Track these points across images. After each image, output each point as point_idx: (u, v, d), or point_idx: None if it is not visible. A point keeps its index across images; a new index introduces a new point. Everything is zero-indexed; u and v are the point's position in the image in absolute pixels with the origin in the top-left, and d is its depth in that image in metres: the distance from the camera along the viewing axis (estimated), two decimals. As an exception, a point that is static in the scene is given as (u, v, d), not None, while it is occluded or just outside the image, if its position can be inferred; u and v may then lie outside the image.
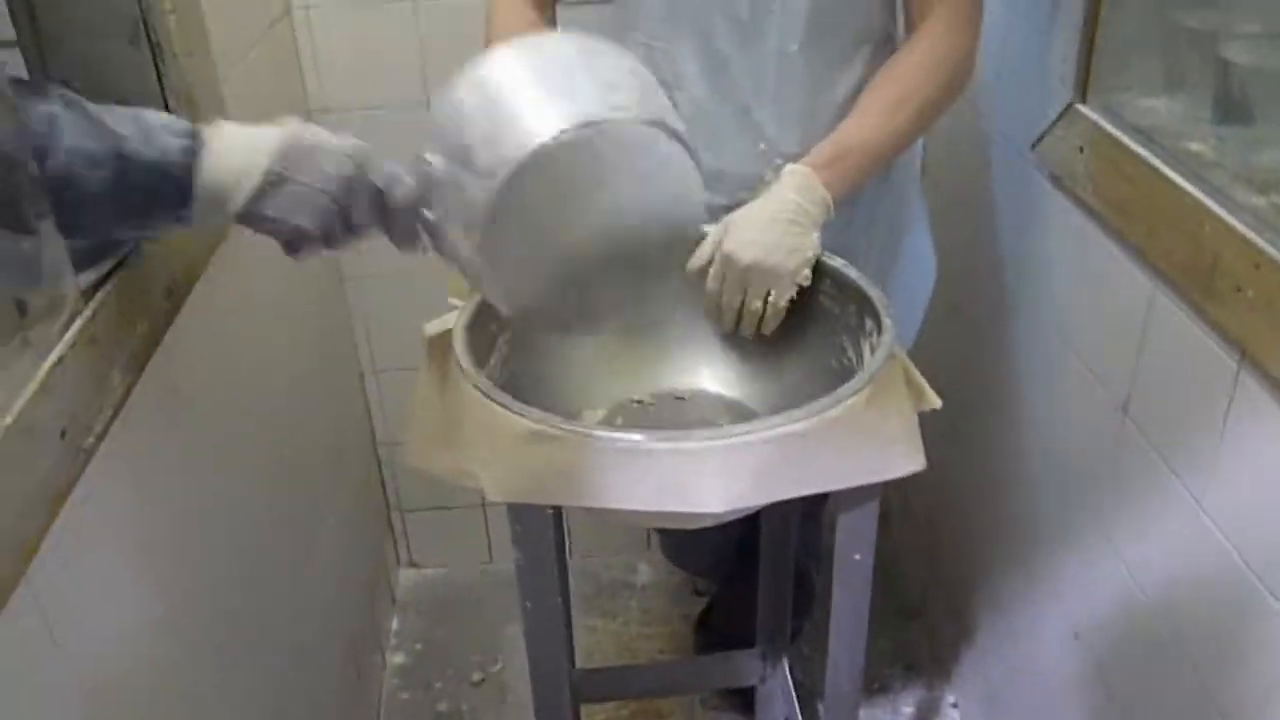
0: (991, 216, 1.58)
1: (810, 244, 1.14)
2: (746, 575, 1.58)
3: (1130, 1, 1.17)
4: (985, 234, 1.60)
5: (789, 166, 1.17)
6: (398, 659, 2.04)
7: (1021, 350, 1.52)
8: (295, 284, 1.62)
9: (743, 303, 1.15)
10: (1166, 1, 1.12)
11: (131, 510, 0.97)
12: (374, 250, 1.76)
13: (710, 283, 1.16)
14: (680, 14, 1.25)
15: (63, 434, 0.81)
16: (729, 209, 1.18)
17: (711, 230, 1.16)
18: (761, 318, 1.16)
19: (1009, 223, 1.54)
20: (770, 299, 1.14)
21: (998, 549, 1.65)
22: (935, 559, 1.98)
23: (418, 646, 2.07)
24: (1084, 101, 1.24)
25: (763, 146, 1.29)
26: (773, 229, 1.13)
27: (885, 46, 1.30)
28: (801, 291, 1.16)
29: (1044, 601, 1.48)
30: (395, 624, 2.13)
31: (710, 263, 1.16)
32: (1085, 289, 1.31)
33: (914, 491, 2.04)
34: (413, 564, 2.26)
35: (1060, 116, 1.28)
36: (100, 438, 0.86)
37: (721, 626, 1.92)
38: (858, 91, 1.26)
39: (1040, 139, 1.34)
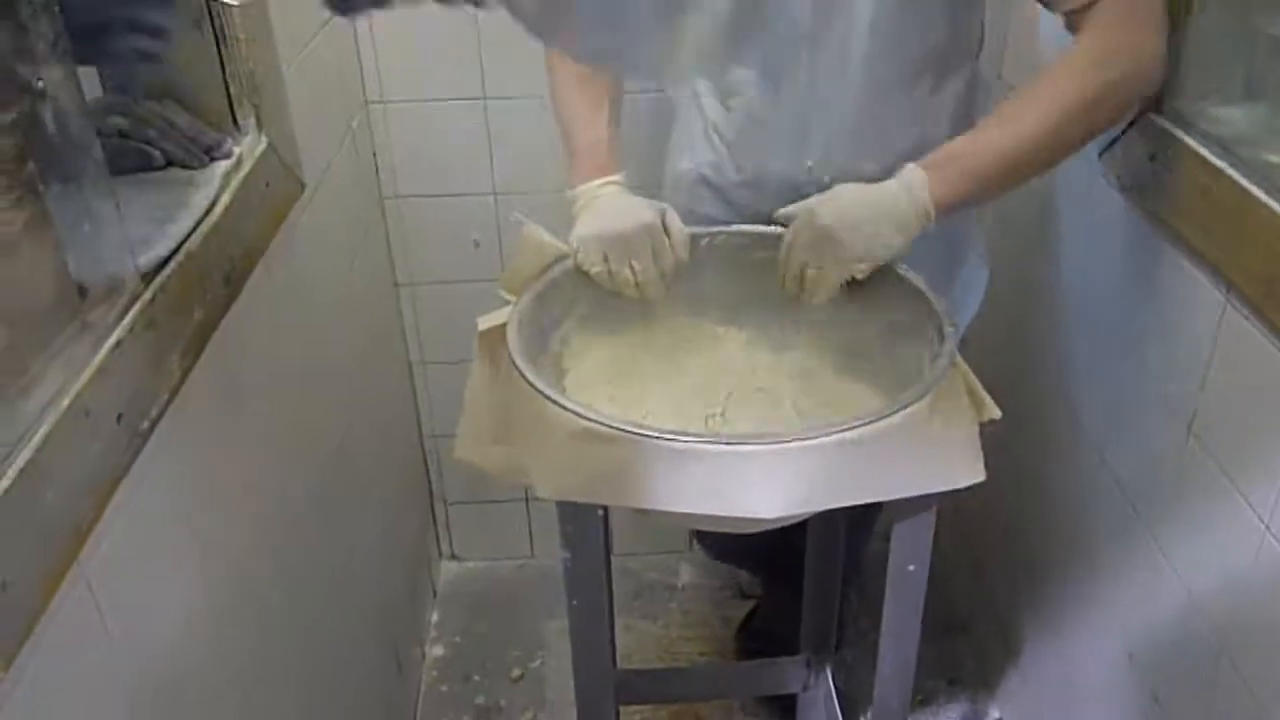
0: (1055, 224, 1.55)
1: (892, 241, 1.12)
2: (792, 579, 1.56)
3: (1210, 7, 1.14)
4: (1049, 242, 1.57)
5: (908, 165, 1.13)
6: (437, 651, 2.04)
7: (1082, 362, 1.48)
8: (349, 276, 1.62)
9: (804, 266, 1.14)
10: (1249, 8, 1.08)
11: (184, 496, 0.97)
12: (424, 259, 1.79)
13: (786, 236, 1.16)
14: (741, 24, 1.23)
15: (119, 418, 0.81)
16: (768, 220, 1.19)
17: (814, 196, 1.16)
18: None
19: (1073, 231, 1.50)
20: (824, 269, 1.13)
21: (1050, 565, 1.62)
22: (983, 572, 1.94)
23: (457, 640, 2.07)
24: (1158, 110, 1.21)
25: (810, 164, 1.27)
26: (864, 209, 1.12)
27: (953, 75, 1.27)
28: (869, 289, 1.14)
29: (1097, 621, 1.44)
30: (435, 616, 2.13)
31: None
32: (1152, 301, 1.27)
33: (964, 503, 2.00)
34: (454, 557, 2.26)
35: (1131, 124, 1.25)
36: (155, 422, 0.87)
37: (765, 631, 1.90)
38: (918, 119, 1.24)
39: (1109, 146, 1.31)
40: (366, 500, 1.68)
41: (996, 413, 1.06)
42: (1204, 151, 1.11)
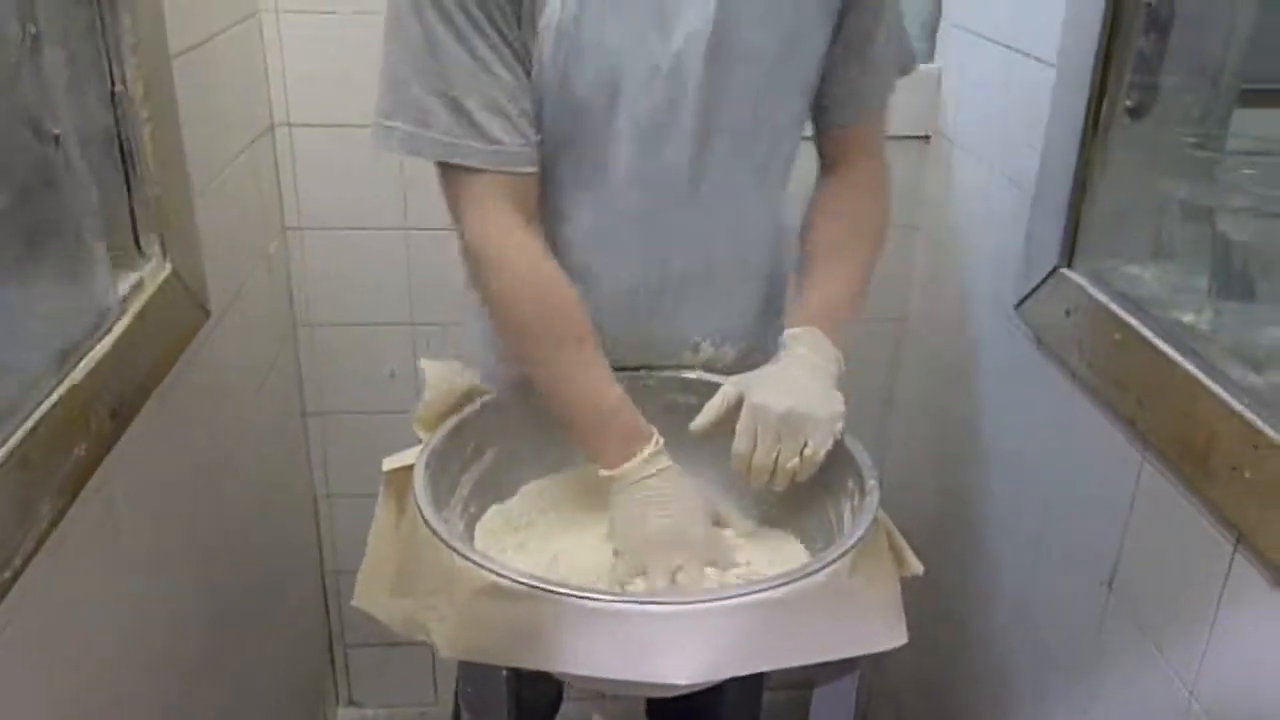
0: (973, 375, 1.56)
1: (837, 395, 1.08)
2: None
3: (1120, 172, 1.17)
4: (965, 393, 1.58)
5: (790, 331, 1.13)
6: (330, 807, 1.91)
7: (1000, 515, 1.47)
8: (254, 404, 1.56)
9: (777, 458, 1.05)
10: (1158, 173, 1.12)
11: (51, 649, 0.89)
12: (337, 389, 1.73)
13: (741, 440, 1.05)
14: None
15: (-24, 567, 0.74)
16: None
17: (722, 387, 1.09)
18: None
19: (991, 383, 1.51)
20: (807, 451, 1.04)
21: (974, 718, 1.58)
22: (903, 724, 1.89)
23: (353, 794, 1.94)
24: (1070, 266, 1.23)
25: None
26: (797, 380, 1.07)
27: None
28: None
29: (1021, 781, 1.40)
30: (331, 768, 2.00)
31: (718, 421, 1.08)
32: (1069, 457, 1.27)
33: (884, 657, 1.96)
34: (353, 703, 2.14)
35: (1045, 279, 1.27)
36: (19, 573, 0.79)
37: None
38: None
39: (1024, 300, 1.33)
40: (261, 641, 1.58)
41: (919, 568, 1.04)
42: (1116, 309, 1.13)
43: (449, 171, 1.05)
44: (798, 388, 1.06)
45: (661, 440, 1.08)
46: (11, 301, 0.91)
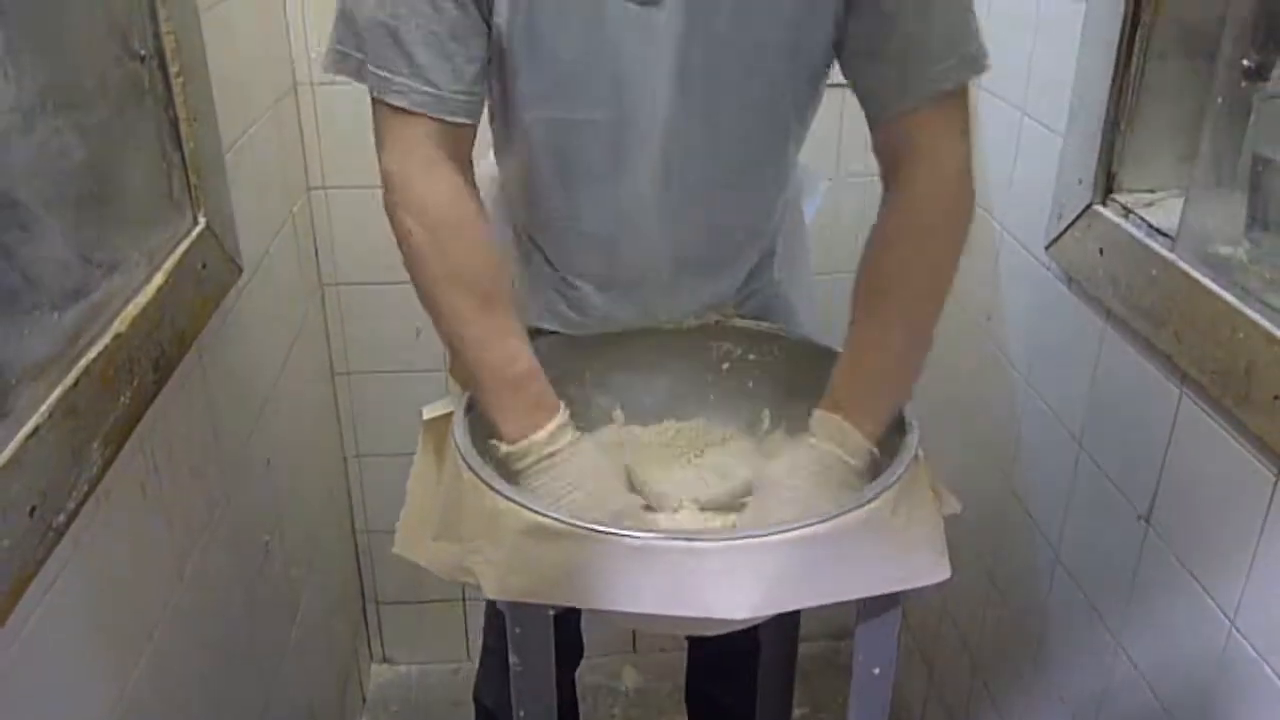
0: (1002, 317, 1.56)
1: (844, 496, 0.97)
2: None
3: (1158, 102, 1.16)
4: (995, 335, 1.57)
5: (816, 414, 1.02)
6: (366, 762, 1.94)
7: (1033, 454, 1.47)
8: (285, 363, 1.56)
9: None
10: (1198, 103, 1.11)
11: (100, 595, 0.90)
12: (364, 348, 1.73)
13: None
14: None
15: (32, 511, 0.74)
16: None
17: (738, 477, 1.08)
18: None
19: (1021, 325, 1.51)
20: None
21: (1004, 661, 1.58)
22: (935, 669, 1.90)
23: (387, 750, 1.97)
24: (1104, 203, 1.22)
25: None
26: (798, 490, 0.99)
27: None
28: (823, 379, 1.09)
29: (1054, 716, 1.41)
30: (365, 724, 2.02)
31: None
32: (1105, 394, 1.27)
33: (914, 599, 1.97)
34: (386, 660, 2.16)
35: (1078, 217, 1.26)
36: (73, 516, 0.80)
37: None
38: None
39: (1055, 240, 1.32)
40: (295, 599, 1.60)
41: (958, 507, 1.04)
42: (1152, 244, 1.12)
43: (378, 102, 0.98)
44: (801, 495, 0.98)
45: (567, 412, 1.01)
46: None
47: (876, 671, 0.99)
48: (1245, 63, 1.00)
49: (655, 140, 1.02)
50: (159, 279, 1.01)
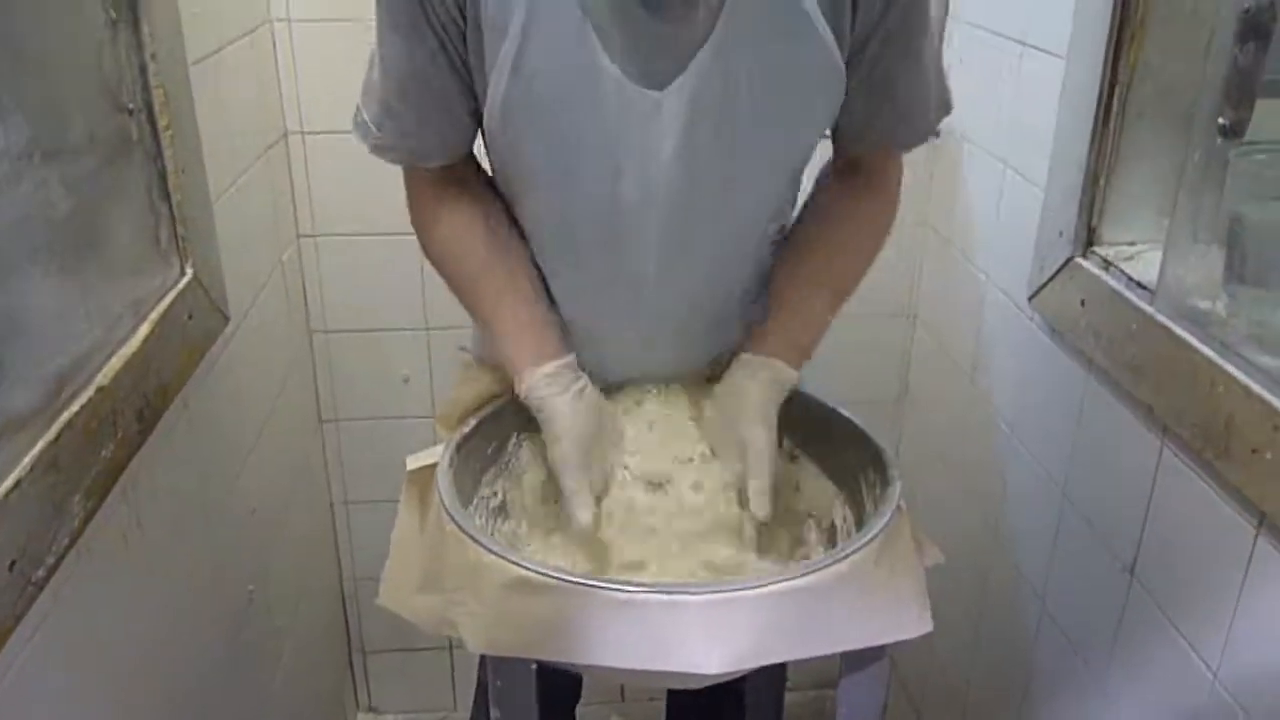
0: (987, 367, 1.57)
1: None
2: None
3: (1137, 157, 1.18)
4: (981, 385, 1.58)
5: (745, 356, 1.10)
6: (350, 814, 1.91)
7: (1019, 504, 1.48)
8: (272, 411, 1.56)
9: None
10: (1177, 159, 1.12)
11: (81, 647, 0.90)
12: (352, 395, 1.73)
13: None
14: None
15: (12, 565, 0.74)
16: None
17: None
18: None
19: (1006, 375, 1.51)
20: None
21: (991, 710, 1.58)
22: (923, 717, 1.89)
23: (372, 801, 1.94)
24: (1085, 256, 1.24)
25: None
26: (767, 397, 1.07)
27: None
28: (810, 438, 1.13)
29: (1043, 772, 1.40)
30: (350, 775, 2.00)
31: None
32: (1088, 446, 1.27)
33: (901, 649, 1.96)
34: (372, 709, 2.14)
35: (1059, 270, 1.27)
36: (53, 570, 0.80)
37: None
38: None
39: (1038, 291, 1.33)
40: (279, 648, 1.59)
41: (941, 558, 1.04)
42: (1132, 296, 1.13)
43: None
44: (753, 400, 1.07)
45: (574, 357, 1.08)
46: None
47: (861, 726, 0.99)
48: (1221, 120, 1.02)
49: (654, 215, 1.02)
50: (144, 329, 1.01)
